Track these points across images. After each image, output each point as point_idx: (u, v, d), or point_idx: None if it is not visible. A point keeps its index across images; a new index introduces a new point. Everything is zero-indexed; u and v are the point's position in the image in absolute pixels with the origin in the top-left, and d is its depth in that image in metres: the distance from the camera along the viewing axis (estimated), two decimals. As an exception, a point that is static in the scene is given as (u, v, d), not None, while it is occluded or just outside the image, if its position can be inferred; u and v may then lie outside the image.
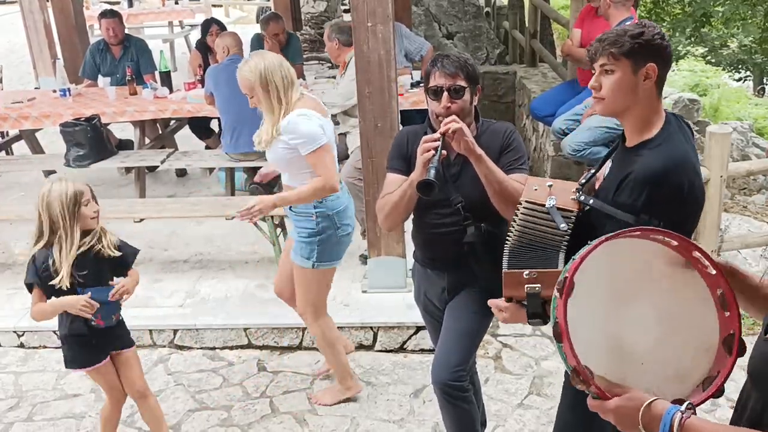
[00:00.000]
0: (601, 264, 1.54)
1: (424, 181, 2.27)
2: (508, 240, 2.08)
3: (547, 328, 4.15)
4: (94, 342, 3.01)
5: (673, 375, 1.54)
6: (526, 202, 2.09)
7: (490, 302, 2.15)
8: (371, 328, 4.10)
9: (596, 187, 2.16)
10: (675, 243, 1.58)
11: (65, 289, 2.85)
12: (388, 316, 4.11)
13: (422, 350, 4.05)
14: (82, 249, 2.87)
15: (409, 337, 4.07)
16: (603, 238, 1.54)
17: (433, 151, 2.35)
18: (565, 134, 4.93)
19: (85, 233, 2.90)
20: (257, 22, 6.69)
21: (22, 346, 4.27)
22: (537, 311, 2.01)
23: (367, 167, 4.13)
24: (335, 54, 5.04)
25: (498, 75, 8.20)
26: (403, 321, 4.06)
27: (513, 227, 2.08)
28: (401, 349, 4.08)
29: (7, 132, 6.89)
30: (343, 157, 5.11)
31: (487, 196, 2.45)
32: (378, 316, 4.12)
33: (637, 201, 1.94)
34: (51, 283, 2.85)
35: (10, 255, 5.11)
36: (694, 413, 1.38)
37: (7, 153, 6.79)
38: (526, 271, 1.99)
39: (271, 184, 5.21)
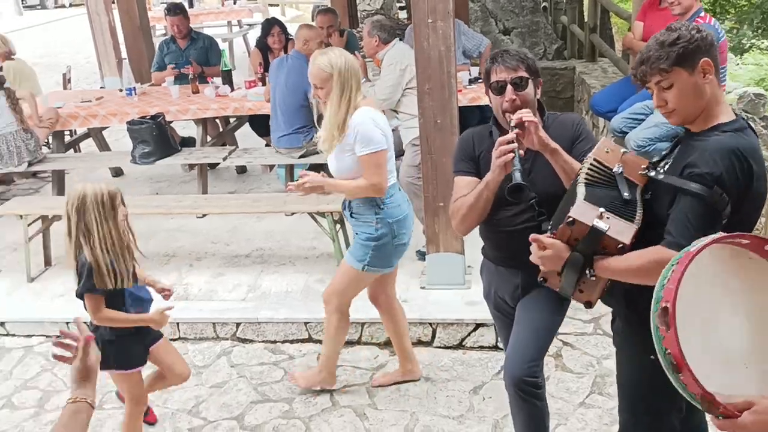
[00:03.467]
0: (694, 284, 1.51)
1: (515, 184, 2.24)
2: (578, 179, 2.07)
3: (610, 327, 4.10)
4: (140, 339, 3.09)
5: None
6: (594, 160, 2.07)
7: (533, 237, 2.12)
8: (430, 324, 4.10)
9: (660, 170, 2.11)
10: (746, 241, 1.55)
11: (117, 289, 2.91)
12: (447, 312, 4.11)
13: (481, 347, 4.04)
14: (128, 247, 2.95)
15: (469, 334, 4.06)
16: (687, 258, 1.50)
17: (511, 153, 2.32)
18: (624, 133, 4.84)
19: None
20: (312, 21, 6.74)
21: (92, 336, 4.41)
22: (587, 252, 1.98)
23: (426, 163, 4.14)
24: (373, 51, 5.04)
25: (556, 70, 8.10)
26: (462, 318, 4.06)
27: (576, 180, 2.08)
28: (460, 345, 4.07)
29: (75, 130, 7.14)
30: (398, 152, 5.13)
31: (560, 191, 2.40)
32: (437, 313, 4.12)
33: (713, 172, 1.89)
34: (111, 287, 2.87)
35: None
36: None
37: (75, 151, 7.04)
38: (603, 209, 1.97)
39: None
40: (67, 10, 23.60)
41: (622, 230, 1.95)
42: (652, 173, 2.05)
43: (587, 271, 2.02)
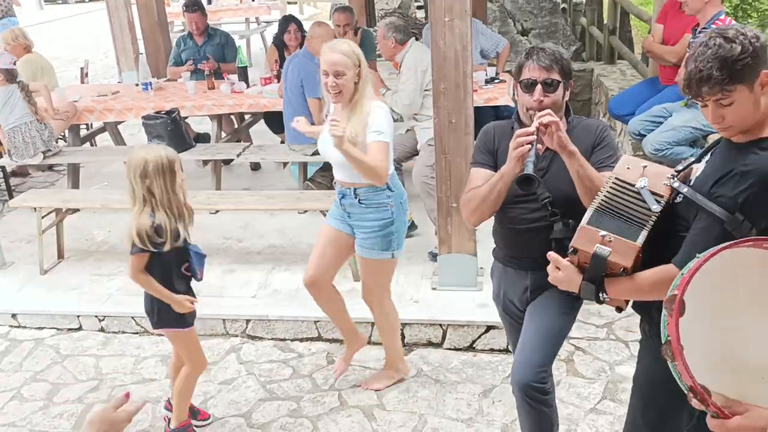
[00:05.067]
0: (711, 279, 1.49)
1: (525, 175, 2.25)
2: (593, 203, 2.06)
3: (623, 333, 4.06)
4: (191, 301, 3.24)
5: None
6: (617, 178, 2.04)
7: (549, 254, 2.13)
8: (440, 325, 4.07)
9: (690, 178, 2.05)
10: None
11: (180, 247, 3.10)
12: (458, 314, 4.07)
13: (492, 350, 4.00)
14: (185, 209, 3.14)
15: (479, 336, 4.02)
16: (712, 251, 1.48)
17: (528, 145, 2.31)
18: (642, 136, 4.79)
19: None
20: (330, 19, 6.74)
21: (102, 330, 4.43)
22: (596, 276, 1.98)
23: (440, 163, 4.10)
24: (390, 53, 5.01)
25: (574, 72, 8.01)
26: (474, 320, 4.02)
27: (597, 198, 2.06)
28: (471, 347, 4.04)
29: (92, 124, 7.18)
30: (413, 153, 5.10)
31: (576, 193, 2.38)
32: (448, 314, 4.09)
33: (739, 197, 1.82)
34: (165, 244, 3.04)
35: (93, 242, 5.32)
36: None
37: (91, 144, 7.08)
38: (603, 232, 1.97)
39: (325, 183, 5.28)
40: (88, 5, 23.78)
41: (623, 252, 1.96)
42: (677, 184, 1.99)
43: (601, 295, 2.05)
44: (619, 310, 2.17)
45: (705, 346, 1.46)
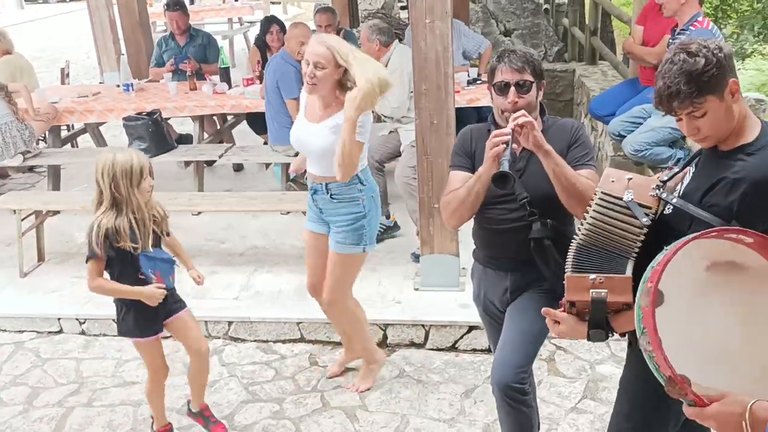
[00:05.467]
0: (683, 269, 1.52)
1: (500, 172, 2.26)
2: (575, 238, 2.03)
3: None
4: (152, 309, 3.12)
5: (760, 375, 1.51)
6: (602, 193, 2.05)
7: (545, 311, 2.11)
8: (423, 325, 4.08)
9: (677, 188, 2.06)
10: (750, 240, 1.54)
11: (133, 253, 3.02)
12: (440, 314, 4.09)
13: (474, 350, 4.02)
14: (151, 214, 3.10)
15: (462, 336, 4.04)
16: (680, 243, 1.50)
17: (503, 145, 2.33)
18: (622, 137, 4.82)
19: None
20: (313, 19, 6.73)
21: (83, 333, 4.40)
22: (601, 320, 1.95)
23: (422, 164, 4.12)
24: (374, 56, 5.00)
25: (556, 73, 8.06)
26: (456, 320, 4.03)
27: (585, 218, 2.04)
28: (453, 348, 4.05)
29: (73, 125, 7.12)
30: (395, 154, 5.11)
31: (553, 192, 2.41)
32: (430, 314, 4.10)
33: (733, 205, 1.84)
34: (123, 246, 2.99)
35: (74, 245, 5.28)
36: None
37: (72, 146, 7.02)
38: (593, 275, 1.94)
39: (307, 184, 5.27)
40: (69, 5, 23.57)
41: (619, 289, 1.93)
42: (665, 195, 2.00)
43: (610, 334, 2.03)
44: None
45: (678, 336, 1.48)
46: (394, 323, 4.08)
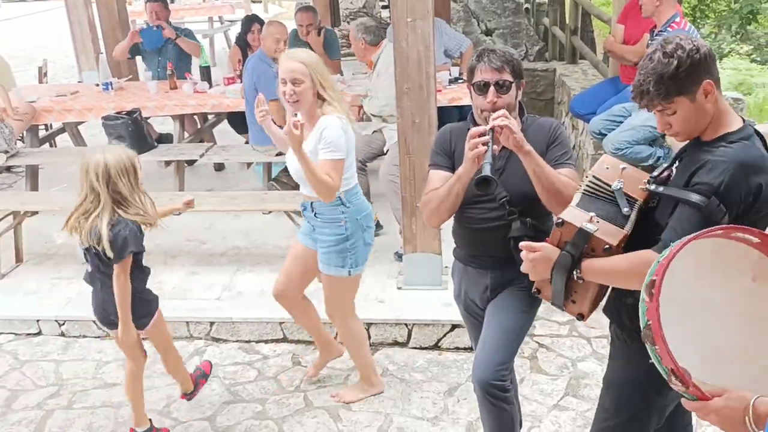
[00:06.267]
0: (688, 265, 1.53)
1: (482, 176, 2.24)
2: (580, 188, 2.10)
3: (586, 330, 4.11)
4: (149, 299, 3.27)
5: (758, 374, 1.53)
6: (594, 176, 2.07)
7: (522, 244, 2.10)
8: (406, 324, 4.08)
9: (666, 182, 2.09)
10: (756, 240, 1.56)
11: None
12: (423, 313, 4.09)
13: (457, 348, 4.03)
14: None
15: (445, 335, 4.04)
16: (687, 238, 1.52)
17: (484, 147, 2.32)
18: (603, 135, 4.85)
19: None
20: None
21: (63, 335, 4.35)
22: (577, 249, 1.97)
23: (404, 163, 4.11)
24: (361, 54, 5.02)
25: (537, 72, 8.11)
26: (439, 318, 4.04)
27: (576, 195, 2.09)
28: (436, 346, 4.06)
29: (51, 125, 7.04)
30: (379, 153, 5.11)
31: (533, 191, 2.42)
32: (413, 313, 4.10)
33: (715, 181, 1.86)
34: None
35: (53, 245, 5.22)
36: None
37: (51, 145, 6.94)
38: (592, 213, 1.98)
39: (290, 183, 5.26)
40: (49, 3, 23.26)
41: (610, 233, 1.96)
42: (653, 187, 2.03)
43: (575, 273, 2.01)
44: (581, 317, 2.12)
45: (680, 330, 1.49)
46: (377, 322, 4.08)
